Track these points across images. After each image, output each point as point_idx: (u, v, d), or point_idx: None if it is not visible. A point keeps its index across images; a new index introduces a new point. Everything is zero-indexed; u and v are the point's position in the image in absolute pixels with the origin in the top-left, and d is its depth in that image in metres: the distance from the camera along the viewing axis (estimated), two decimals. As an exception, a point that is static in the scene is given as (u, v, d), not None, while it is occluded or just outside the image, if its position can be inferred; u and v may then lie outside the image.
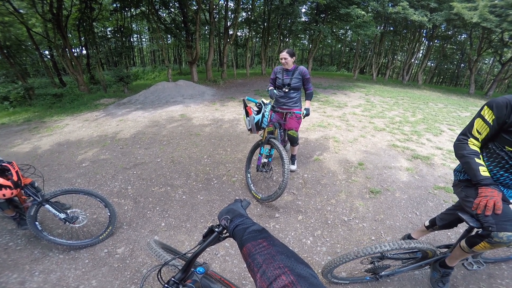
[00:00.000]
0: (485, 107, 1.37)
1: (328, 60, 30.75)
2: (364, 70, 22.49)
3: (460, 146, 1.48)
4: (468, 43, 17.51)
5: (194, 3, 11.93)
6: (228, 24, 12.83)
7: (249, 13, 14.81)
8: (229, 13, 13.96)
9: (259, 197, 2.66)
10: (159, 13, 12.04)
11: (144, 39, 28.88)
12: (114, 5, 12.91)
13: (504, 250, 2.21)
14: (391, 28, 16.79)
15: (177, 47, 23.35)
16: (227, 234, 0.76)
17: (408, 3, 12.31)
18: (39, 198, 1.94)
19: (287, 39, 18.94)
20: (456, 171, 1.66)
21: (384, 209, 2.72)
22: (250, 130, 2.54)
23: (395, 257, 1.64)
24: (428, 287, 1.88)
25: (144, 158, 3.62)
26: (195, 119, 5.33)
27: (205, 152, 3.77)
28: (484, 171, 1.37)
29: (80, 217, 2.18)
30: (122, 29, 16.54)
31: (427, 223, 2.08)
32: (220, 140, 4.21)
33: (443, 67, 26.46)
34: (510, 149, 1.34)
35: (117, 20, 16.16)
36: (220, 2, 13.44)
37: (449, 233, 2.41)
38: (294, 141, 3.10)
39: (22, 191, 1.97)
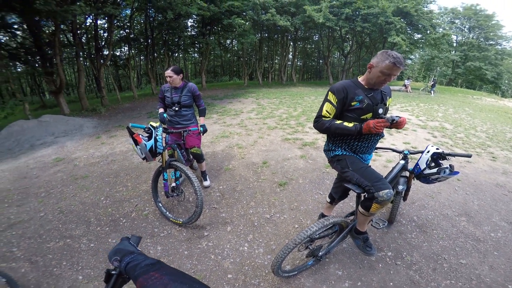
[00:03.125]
0: (329, 92, 1.68)
1: (221, 71, 32.03)
2: (253, 76, 24.76)
3: (319, 124, 1.71)
4: (321, 42, 22.27)
5: (50, 24, 9.73)
6: (102, 44, 11.32)
7: (127, 30, 13.40)
8: (101, 31, 12.27)
9: (180, 222, 2.53)
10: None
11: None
12: None
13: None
14: (266, 35, 19.23)
15: (32, 76, 18.61)
16: None
17: (275, 10, 14.46)
18: None
19: (176, 54, 18.52)
20: (325, 151, 1.92)
21: (295, 197, 3.11)
22: (144, 159, 2.32)
23: (322, 235, 1.80)
24: (360, 255, 2.18)
25: (21, 216, 2.87)
26: (77, 160, 4.42)
27: (101, 193, 3.27)
28: (348, 124, 1.60)
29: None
30: None
31: (328, 199, 2.31)
32: (116, 176, 3.71)
33: (308, 64, 32.71)
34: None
35: None
36: (88, 21, 11.51)
37: (351, 203, 2.92)
38: (199, 157, 3.09)
39: None
